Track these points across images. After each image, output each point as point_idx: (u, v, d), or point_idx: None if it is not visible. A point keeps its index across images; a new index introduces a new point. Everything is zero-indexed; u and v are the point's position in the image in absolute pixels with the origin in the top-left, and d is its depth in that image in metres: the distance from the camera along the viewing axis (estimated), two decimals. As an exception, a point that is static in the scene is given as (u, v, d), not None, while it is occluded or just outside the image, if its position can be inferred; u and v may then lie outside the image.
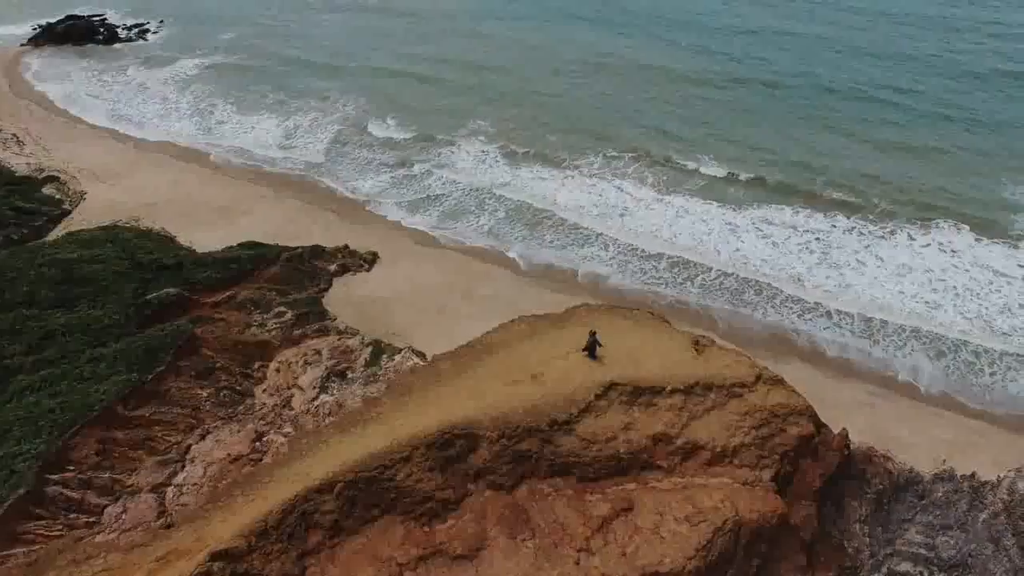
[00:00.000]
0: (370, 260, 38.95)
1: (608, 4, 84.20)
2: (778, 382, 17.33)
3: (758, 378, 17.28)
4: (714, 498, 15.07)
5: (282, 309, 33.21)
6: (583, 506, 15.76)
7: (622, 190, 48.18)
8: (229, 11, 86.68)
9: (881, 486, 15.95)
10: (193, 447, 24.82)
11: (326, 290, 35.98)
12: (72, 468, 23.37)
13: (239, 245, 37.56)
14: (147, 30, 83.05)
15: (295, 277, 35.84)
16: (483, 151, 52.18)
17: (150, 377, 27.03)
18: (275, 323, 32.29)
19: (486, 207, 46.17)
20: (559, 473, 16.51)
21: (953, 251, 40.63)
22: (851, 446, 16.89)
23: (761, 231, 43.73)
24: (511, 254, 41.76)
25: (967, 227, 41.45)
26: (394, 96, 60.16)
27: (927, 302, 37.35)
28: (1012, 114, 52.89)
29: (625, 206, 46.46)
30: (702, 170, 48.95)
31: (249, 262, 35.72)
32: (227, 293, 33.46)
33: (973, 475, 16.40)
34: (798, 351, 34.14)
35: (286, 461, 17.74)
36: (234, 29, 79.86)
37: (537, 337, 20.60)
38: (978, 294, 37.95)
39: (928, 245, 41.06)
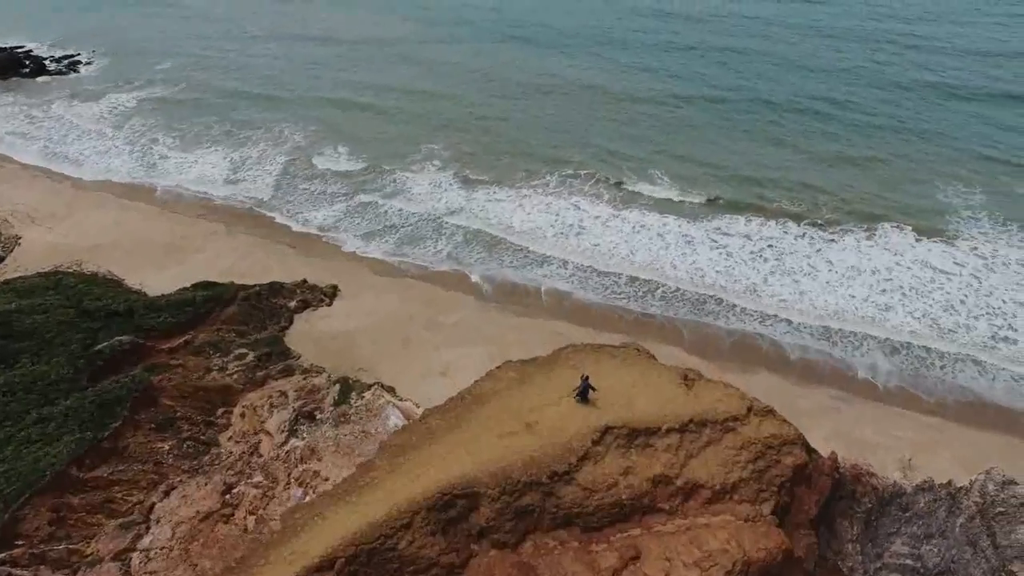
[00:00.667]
0: (330, 294, 38.08)
1: (546, 25, 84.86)
2: (769, 412, 17.49)
3: (749, 410, 17.41)
4: (719, 538, 15.01)
5: (243, 351, 32.09)
6: (590, 558, 15.46)
7: (578, 207, 48.69)
8: (164, 41, 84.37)
9: (870, 504, 16.25)
10: (158, 505, 23.57)
11: (287, 328, 34.95)
12: (22, 543, 21.79)
13: (193, 286, 36.17)
14: (78, 62, 79.98)
15: (254, 316, 34.71)
16: (437, 177, 51.93)
17: (106, 434, 25.60)
18: (236, 366, 31.15)
19: (443, 233, 45.92)
20: (563, 525, 16.16)
21: (897, 252, 42.52)
22: (840, 468, 17.13)
23: (716, 242, 44.74)
24: (473, 279, 41.57)
25: (909, 228, 43.50)
26: (342, 126, 59.37)
27: (878, 304, 38.85)
28: (936, 122, 55.98)
29: (582, 224, 46.90)
30: (655, 186, 49.93)
31: (205, 303, 34.42)
32: (183, 338, 32.14)
33: (950, 483, 16.91)
34: (764, 360, 34.93)
35: (281, 540, 16.72)
36: (170, 60, 77.69)
37: (527, 384, 20.22)
38: (923, 293, 39.73)
39: (874, 247, 42.83)
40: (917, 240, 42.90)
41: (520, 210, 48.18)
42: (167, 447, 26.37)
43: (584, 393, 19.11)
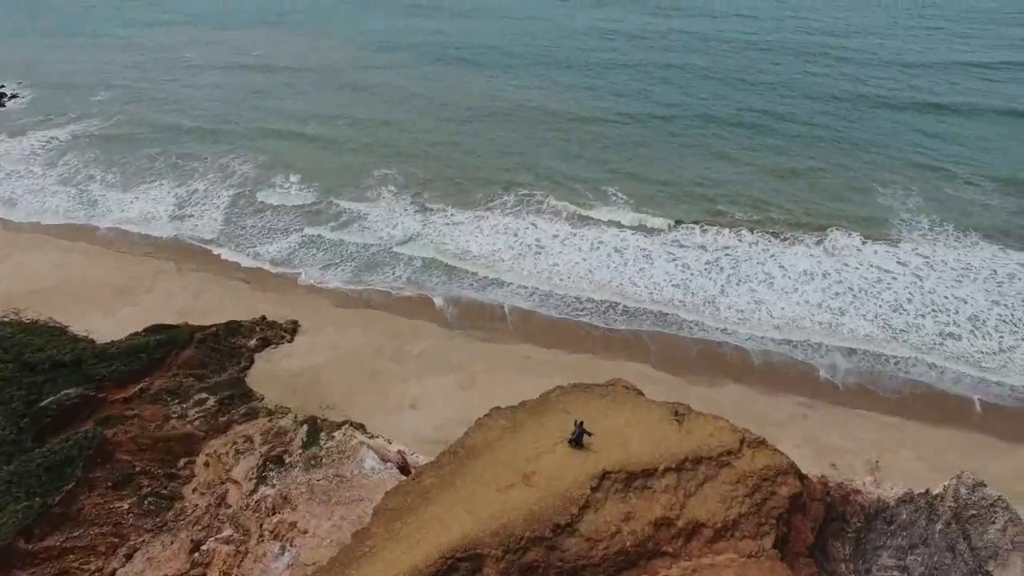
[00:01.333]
0: (291, 330, 37.01)
1: (490, 46, 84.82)
2: (760, 443, 17.60)
3: (742, 442, 17.48)
4: (726, 579, 15.00)
5: (203, 395, 30.80)
6: (601, 611, 15.16)
7: (536, 226, 48.88)
8: (96, 73, 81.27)
9: (859, 523, 16.57)
10: (119, 571, 22.22)
11: (248, 368, 33.72)
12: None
13: (145, 330, 34.56)
14: (2, 95, 76.26)
15: (213, 358, 33.39)
16: (391, 204, 51.24)
17: (57, 499, 24.01)
18: (197, 412, 29.86)
19: (401, 260, 45.33)
20: (570, 578, 15.76)
21: (846, 256, 44.18)
22: (830, 488, 17.40)
23: (673, 255, 45.52)
24: (436, 305, 41.15)
25: (856, 233, 45.32)
26: (290, 157, 57.84)
27: (832, 309, 40.14)
28: (870, 131, 58.77)
29: (540, 244, 47.07)
30: (609, 203, 50.53)
31: (159, 348, 32.91)
32: (138, 386, 30.63)
33: (927, 491, 17.40)
34: (730, 371, 35.52)
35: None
36: (104, 92, 74.86)
37: (519, 431, 19.80)
38: (872, 294, 41.38)
39: (825, 252, 44.39)
40: (863, 243, 44.66)
41: (478, 233, 48.05)
42: (126, 506, 24.97)
43: (579, 439, 18.82)
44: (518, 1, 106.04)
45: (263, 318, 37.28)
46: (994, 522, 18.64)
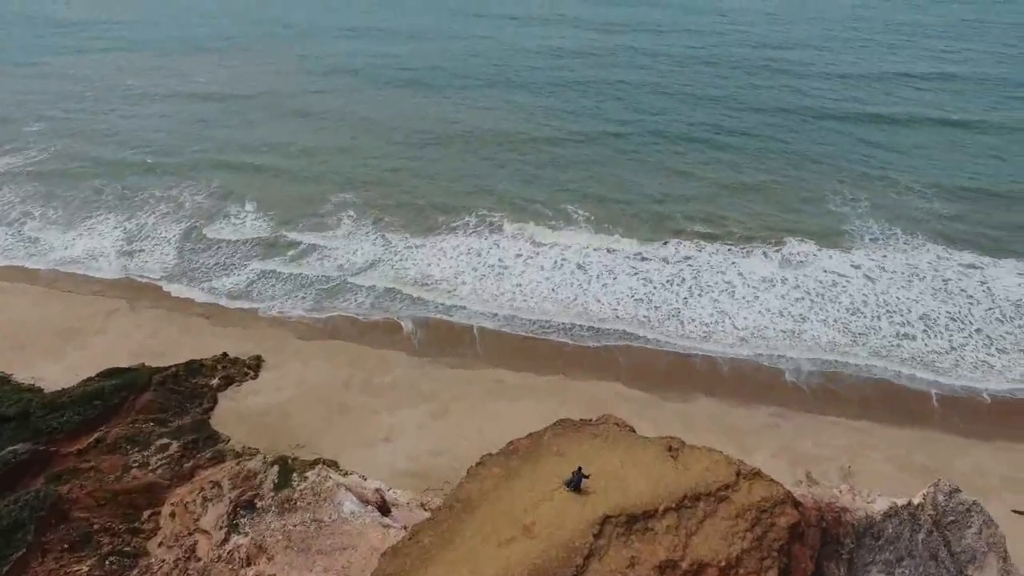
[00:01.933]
0: (255, 365, 35.74)
1: (437, 68, 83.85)
2: (756, 474, 17.59)
3: (738, 475, 17.44)
4: (734, 620, 14.82)
5: (165, 441, 29.40)
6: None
7: (498, 245, 48.77)
8: (28, 104, 77.26)
9: (852, 544, 16.74)
10: (85, 638, 20.85)
11: (212, 409, 32.36)
12: None
13: (99, 375, 32.80)
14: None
15: (173, 401, 31.94)
16: (350, 232, 50.17)
17: (6, 569, 22.37)
18: (159, 459, 28.46)
19: (363, 287, 44.45)
20: (579, 636, 15.29)
21: (803, 263, 45.54)
22: (823, 512, 17.49)
23: (635, 269, 46.03)
24: (403, 331, 40.52)
25: (811, 241, 46.83)
26: (242, 188, 55.90)
27: (793, 316, 41.16)
28: (816, 143, 60.92)
29: (503, 264, 46.96)
30: (570, 222, 50.75)
31: (115, 393, 31.28)
32: (94, 436, 29.03)
33: (909, 503, 17.76)
34: (700, 385, 35.85)
35: None
36: (39, 124, 71.33)
37: (515, 478, 19.27)
38: (830, 298, 42.79)
39: (782, 261, 45.64)
40: (819, 251, 46.16)
41: (441, 256, 47.64)
42: (86, 568, 23.50)
43: (577, 484, 18.47)
44: (463, 21, 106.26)
45: (224, 355, 35.94)
46: (970, 526, 19.14)
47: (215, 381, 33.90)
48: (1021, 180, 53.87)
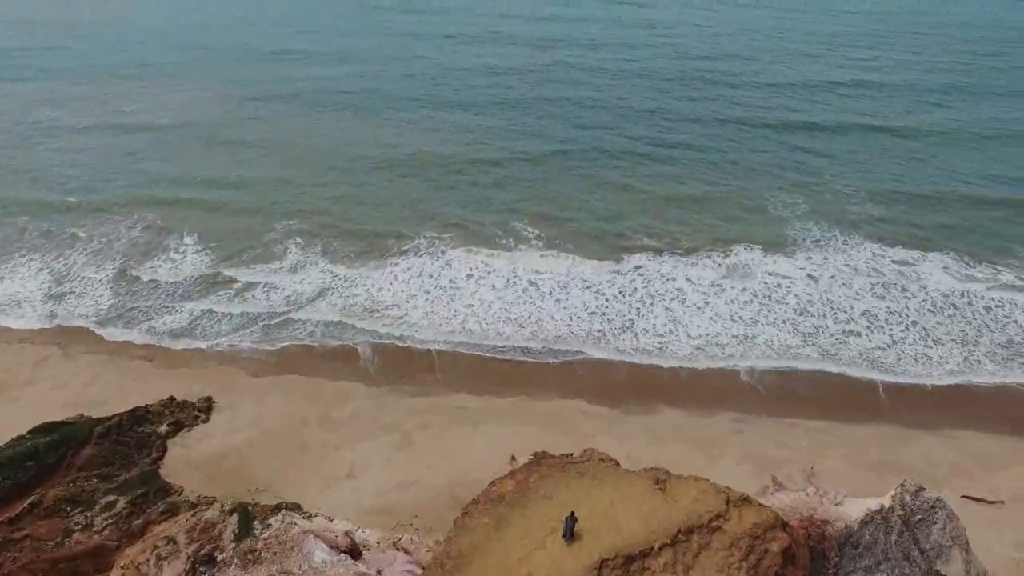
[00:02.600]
0: (205, 408, 34.00)
1: (372, 91, 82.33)
2: (744, 500, 17.59)
3: (728, 503, 17.38)
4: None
5: (111, 498, 27.50)
6: None
7: (450, 266, 48.33)
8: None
9: (837, 557, 16.97)
10: None
11: (161, 458, 30.51)
12: None
13: (31, 431, 30.31)
14: None
15: (118, 453, 29.95)
16: (296, 264, 48.28)
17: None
18: (105, 519, 26.59)
19: (313, 320, 42.89)
20: None
21: (751, 267, 47.01)
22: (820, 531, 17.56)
23: (588, 283, 46.39)
24: (359, 361, 39.51)
25: (757, 247, 48.33)
26: (179, 224, 53.11)
27: (744, 320, 42.23)
28: (752, 151, 63.27)
29: (456, 286, 46.53)
30: (520, 239, 50.74)
31: (51, 450, 29.08)
32: (28, 500, 26.80)
33: (882, 508, 18.19)
34: (662, 395, 36.19)
35: None
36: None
37: (505, 528, 18.58)
38: (777, 299, 44.20)
39: (730, 267, 46.94)
40: (764, 255, 47.68)
41: (392, 280, 46.83)
42: (32, 646, 21.64)
43: (571, 531, 17.99)
44: (397, 42, 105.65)
45: (172, 399, 34.05)
46: (936, 522, 19.77)
47: (163, 428, 32.03)
48: (940, 181, 57.44)
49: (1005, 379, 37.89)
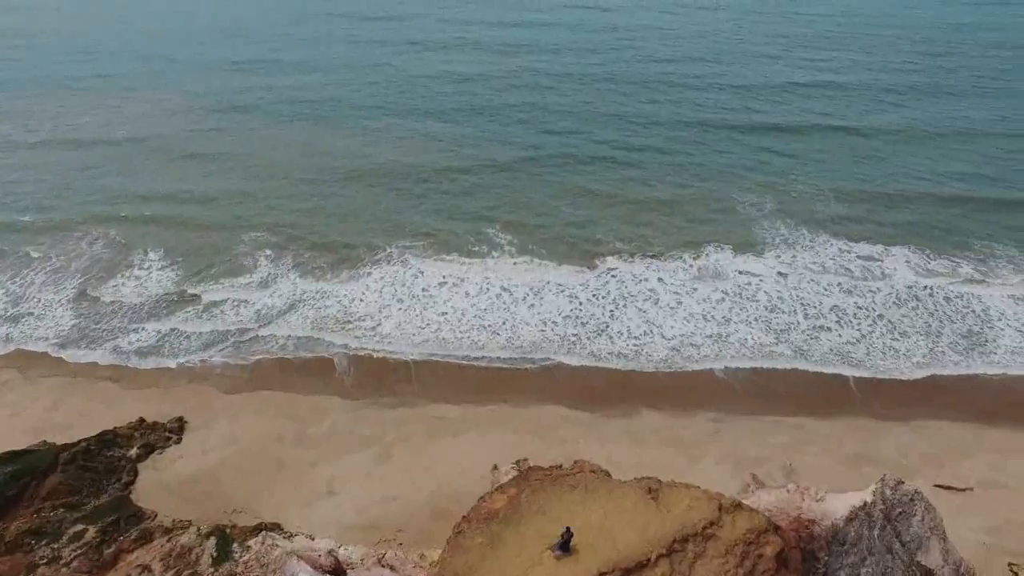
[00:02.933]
0: (177, 428, 33.04)
1: (334, 100, 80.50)
2: (736, 506, 17.64)
3: (720, 509, 17.44)
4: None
5: (79, 528, 26.47)
6: None
7: (423, 273, 48.01)
8: None
9: (827, 557, 17.17)
10: None
11: (132, 483, 29.52)
12: None
13: (-9, 461, 29.30)
14: None
15: (86, 480, 28.88)
16: (265, 277, 47.12)
17: None
18: (74, 550, 25.56)
19: (285, 334, 42.12)
20: None
21: (719, 267, 47.64)
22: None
23: (561, 287, 46.51)
24: (334, 374, 38.92)
25: (728, 247, 49.20)
26: (142, 241, 51.37)
27: (716, 319, 42.74)
28: (718, 153, 63.75)
29: (429, 294, 46.20)
30: (492, 245, 50.47)
31: (13, 481, 27.84)
32: (-8, 533, 25.77)
33: (865, 504, 18.49)
34: (640, 397, 36.36)
35: None
36: None
37: (500, 546, 18.23)
38: (748, 297, 44.88)
39: (701, 267, 47.60)
40: (735, 255, 48.41)
41: (365, 291, 46.28)
42: None
43: (566, 545, 17.80)
44: (359, 49, 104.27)
45: (141, 420, 33.00)
46: (915, 514, 20.19)
47: (133, 451, 31.01)
48: (900, 179, 59.13)
49: (969, 369, 39.02)
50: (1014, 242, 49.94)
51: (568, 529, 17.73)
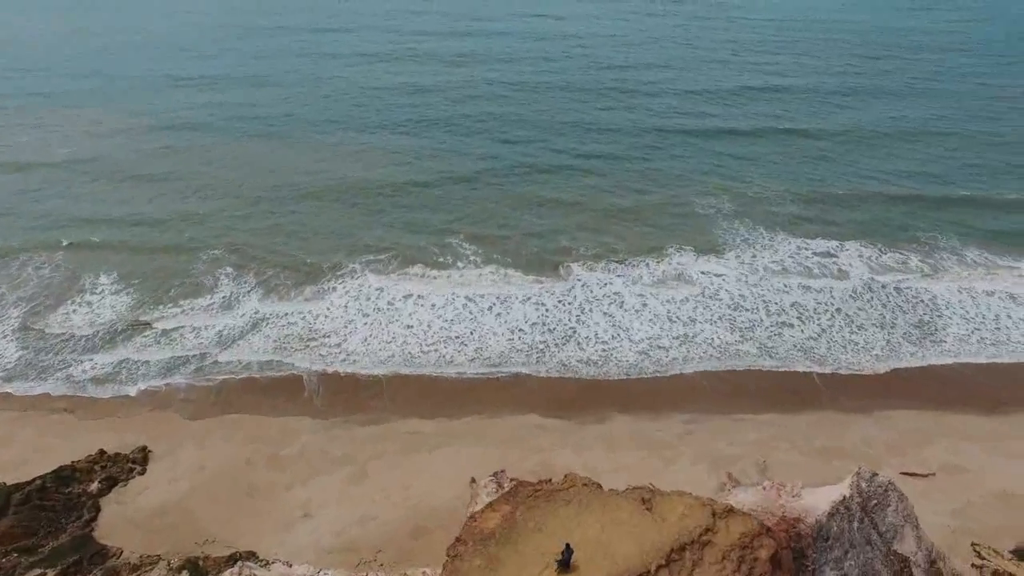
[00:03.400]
0: (140, 458, 31.69)
1: (290, 115, 78.97)
2: (729, 511, 17.75)
3: (714, 515, 17.53)
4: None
5: (37, 572, 25.17)
6: None
7: (386, 290, 47.45)
8: None
9: (815, 554, 17.47)
10: None
11: (94, 520, 28.16)
12: None
13: (-62, 506, 27.62)
14: None
15: (43, 520, 27.43)
16: (225, 299, 45.78)
17: None
18: (35, 593, 24.31)
19: (247, 355, 40.94)
20: None
21: (685, 269, 48.62)
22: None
23: (527, 295, 46.55)
24: (303, 394, 38.06)
25: (689, 249, 50.22)
26: (91, 267, 49.04)
27: (682, 320, 43.43)
28: (675, 158, 65.25)
29: (394, 307, 45.74)
30: (457, 257, 50.27)
31: (-36, 524, 26.45)
32: (-57, 582, 24.26)
33: (844, 499, 18.91)
34: (612, 403, 36.62)
35: None
36: None
37: (499, 568, 17.73)
38: (713, 296, 46.09)
39: (665, 270, 48.42)
40: (697, 257, 49.33)
41: (329, 307, 45.47)
42: None
43: (567, 562, 17.57)
44: (310, 63, 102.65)
45: (101, 452, 31.56)
46: (889, 504, 20.78)
47: (94, 486, 29.61)
48: (851, 179, 61.61)
49: (924, 361, 40.53)
50: (957, 236, 52.29)
51: (568, 546, 17.57)
